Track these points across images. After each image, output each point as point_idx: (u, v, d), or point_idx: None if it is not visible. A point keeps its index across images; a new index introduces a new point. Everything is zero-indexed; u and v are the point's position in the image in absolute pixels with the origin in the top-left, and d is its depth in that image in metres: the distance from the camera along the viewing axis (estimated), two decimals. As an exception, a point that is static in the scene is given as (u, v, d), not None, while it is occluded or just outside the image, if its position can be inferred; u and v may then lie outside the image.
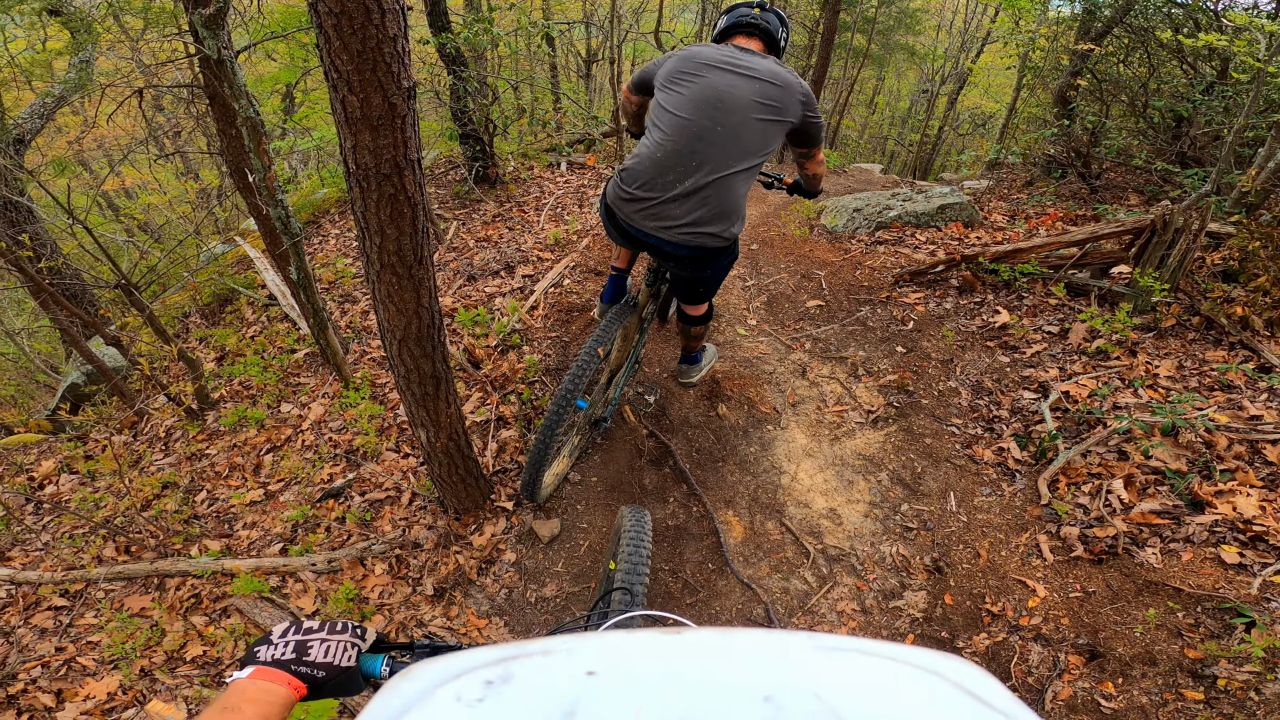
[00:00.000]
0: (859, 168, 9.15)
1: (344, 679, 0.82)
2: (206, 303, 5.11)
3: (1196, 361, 2.94)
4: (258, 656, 0.79)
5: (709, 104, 2.01)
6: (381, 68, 1.44)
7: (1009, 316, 3.32)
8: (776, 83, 2.02)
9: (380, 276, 1.73)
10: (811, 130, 2.15)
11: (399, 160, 1.58)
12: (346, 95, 1.45)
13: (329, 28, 1.35)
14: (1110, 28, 5.31)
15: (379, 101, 1.48)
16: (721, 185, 2.04)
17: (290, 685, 0.76)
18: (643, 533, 1.63)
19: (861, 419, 3.00)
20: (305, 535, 2.98)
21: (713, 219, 2.06)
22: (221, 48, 2.32)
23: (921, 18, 13.56)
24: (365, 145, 1.53)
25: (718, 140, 2.01)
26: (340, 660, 0.82)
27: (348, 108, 1.47)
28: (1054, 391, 2.87)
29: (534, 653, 0.44)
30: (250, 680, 0.75)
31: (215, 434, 3.94)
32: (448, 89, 5.45)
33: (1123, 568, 2.35)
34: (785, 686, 0.39)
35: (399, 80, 1.48)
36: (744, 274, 4.20)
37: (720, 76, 2.02)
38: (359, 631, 0.87)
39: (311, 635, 0.83)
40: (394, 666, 0.87)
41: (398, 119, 1.53)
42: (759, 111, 2.01)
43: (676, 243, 2.10)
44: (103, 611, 2.69)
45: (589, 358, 2.27)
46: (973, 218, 4.47)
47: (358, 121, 1.49)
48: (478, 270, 4.29)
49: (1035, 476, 2.71)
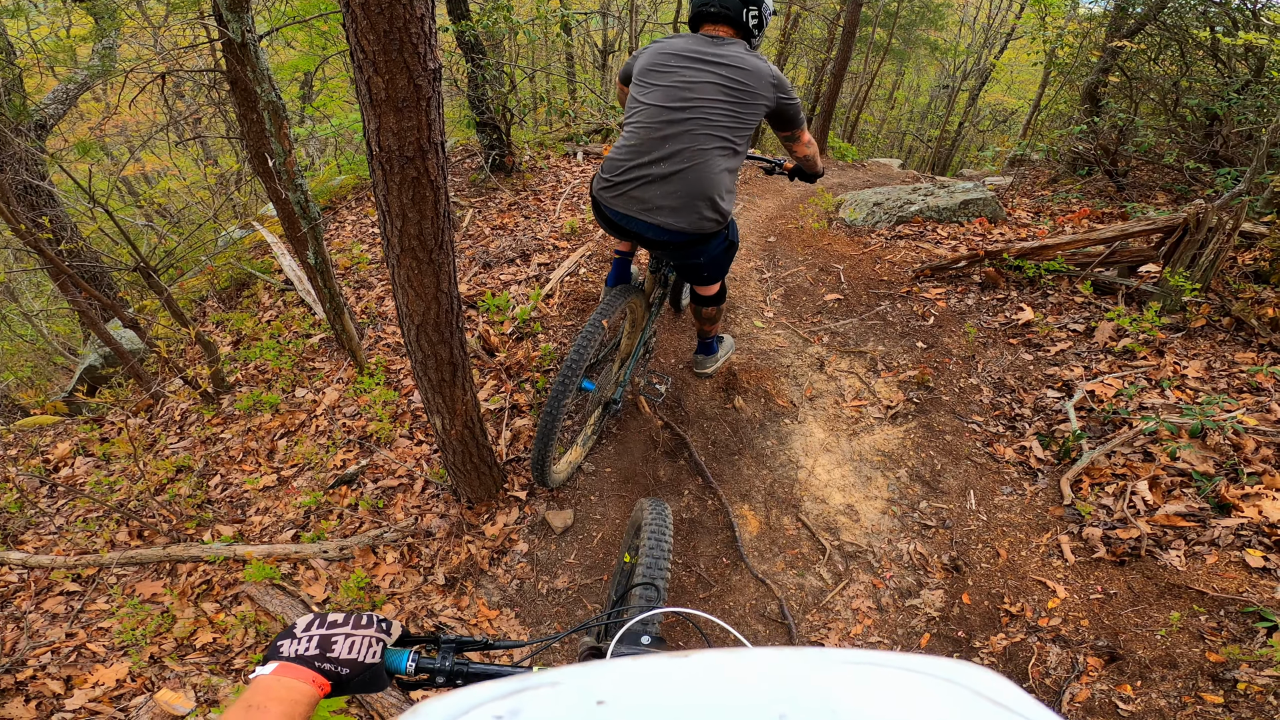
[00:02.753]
0: (877, 162, 9.05)
1: (369, 675, 0.80)
2: (224, 287, 5.13)
3: (1225, 363, 2.87)
4: (281, 652, 0.77)
5: (677, 95, 2.11)
6: (408, 48, 1.41)
7: (1033, 314, 3.26)
8: (743, 67, 2.10)
9: (400, 260, 1.71)
10: (788, 112, 2.23)
11: (422, 143, 1.56)
12: (372, 76, 1.43)
13: (356, 6, 1.33)
14: (1143, 24, 5.20)
15: (404, 83, 1.45)
16: (698, 169, 2.11)
17: (314, 682, 0.74)
18: (664, 526, 1.60)
19: (880, 414, 2.96)
20: (318, 522, 2.98)
21: (691, 201, 2.13)
22: (245, 31, 2.31)
23: (944, 12, 13.36)
24: (389, 128, 1.51)
25: (689, 128, 2.09)
26: (365, 656, 0.79)
27: (373, 89, 1.45)
28: (1079, 390, 2.82)
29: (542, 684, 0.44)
30: (275, 677, 0.73)
31: (230, 418, 3.95)
32: (466, 77, 5.42)
33: (1145, 570, 2.31)
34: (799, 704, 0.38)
35: (425, 62, 1.46)
36: (761, 266, 4.16)
37: (687, 68, 2.12)
38: (384, 626, 0.84)
39: (336, 629, 0.80)
40: (419, 662, 0.85)
41: (423, 101, 1.50)
42: (727, 97, 2.10)
43: (659, 226, 2.16)
44: (114, 597, 2.69)
45: (592, 331, 2.29)
46: (996, 213, 4.39)
47: (382, 103, 1.47)
48: (493, 258, 4.27)
49: (1058, 476, 2.66)
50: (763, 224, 4.87)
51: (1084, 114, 5.75)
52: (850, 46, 7.46)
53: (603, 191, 2.24)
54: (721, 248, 2.37)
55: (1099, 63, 5.63)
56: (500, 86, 5.54)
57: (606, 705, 0.40)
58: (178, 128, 4.49)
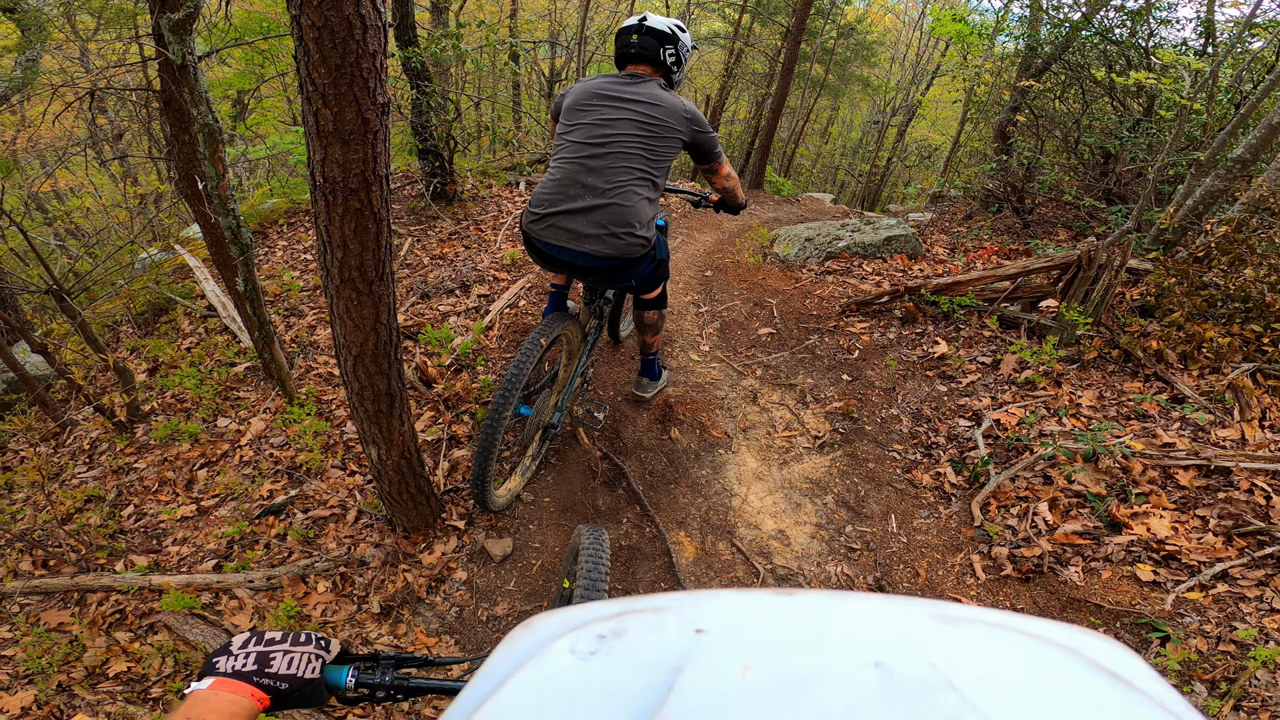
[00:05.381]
0: (811, 196, 9.45)
1: (308, 691, 0.81)
2: (140, 312, 4.89)
3: (1115, 392, 3.14)
4: (217, 668, 0.77)
5: (597, 133, 2.25)
6: (359, 83, 1.44)
7: (947, 347, 3.49)
8: (658, 104, 2.26)
9: (339, 292, 1.72)
10: (704, 145, 2.39)
11: (367, 176, 1.58)
12: (321, 109, 1.45)
13: (310, 40, 1.35)
14: (1049, 64, 5.64)
15: (353, 116, 1.47)
16: (619, 201, 2.23)
17: (253, 696, 0.75)
18: (601, 551, 1.64)
19: (809, 444, 3.10)
20: (242, 552, 2.89)
21: (615, 230, 2.24)
22: (186, 53, 2.27)
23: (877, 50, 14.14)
24: (335, 159, 1.52)
25: (609, 162, 2.23)
26: (304, 672, 0.81)
27: (320, 121, 1.47)
28: (986, 419, 3.03)
29: (646, 609, 0.45)
30: (212, 691, 0.74)
31: (145, 447, 3.77)
32: (409, 103, 5.41)
33: (1048, 586, 2.47)
34: (898, 653, 0.38)
35: (374, 96, 1.49)
36: (698, 300, 4.29)
37: (607, 106, 2.27)
38: (323, 643, 0.86)
39: (274, 646, 0.81)
40: (359, 678, 0.87)
41: (370, 134, 1.52)
42: (643, 132, 2.25)
43: (588, 254, 2.26)
44: (18, 626, 2.55)
45: (530, 349, 2.34)
46: (916, 250, 4.69)
47: (329, 135, 1.49)
48: (432, 288, 4.25)
49: (969, 500, 2.84)
50: (700, 258, 5.03)
51: (996, 152, 6.18)
52: (789, 82, 7.80)
53: (532, 225, 2.32)
54: (651, 267, 2.49)
55: (1010, 101, 6.06)
56: (445, 114, 5.55)
57: (706, 634, 0.40)
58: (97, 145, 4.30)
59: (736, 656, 0.38)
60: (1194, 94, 3.58)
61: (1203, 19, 4.80)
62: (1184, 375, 3.15)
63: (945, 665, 0.37)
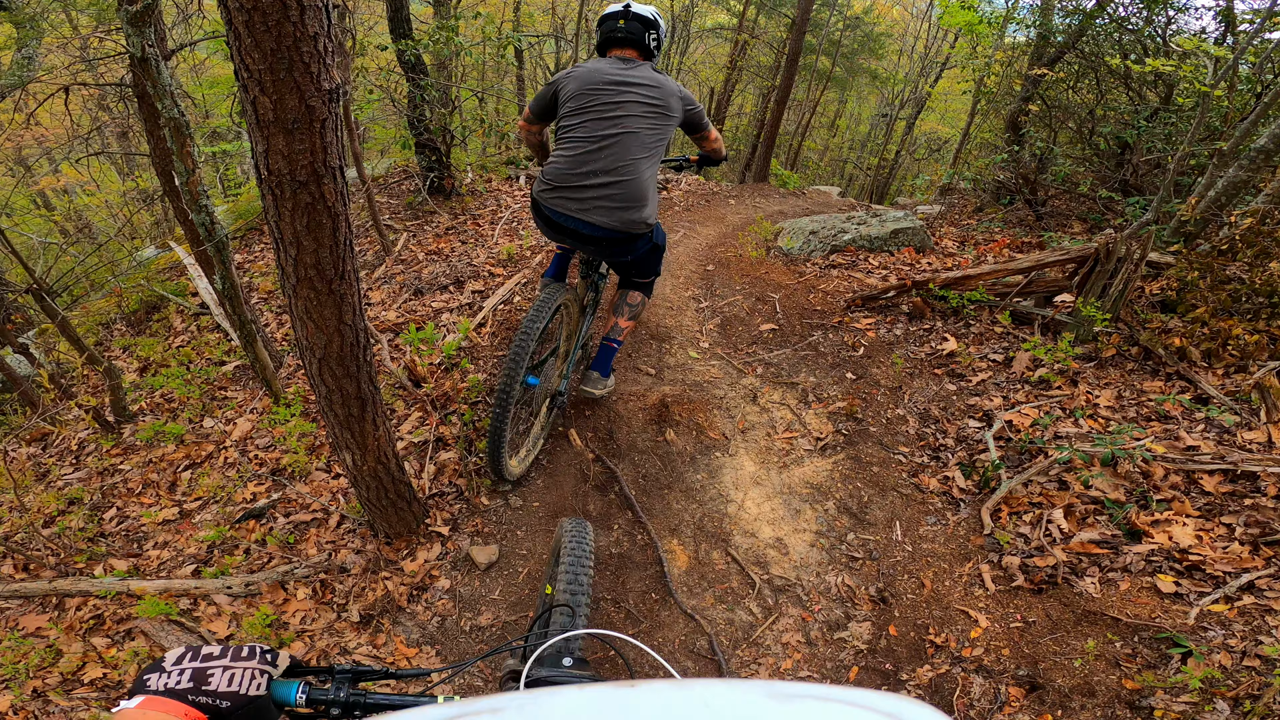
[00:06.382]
0: (817, 189, 9.28)
1: (253, 709, 0.75)
2: (133, 310, 4.82)
3: (1135, 391, 2.99)
4: (147, 685, 0.72)
5: (608, 114, 2.40)
6: (298, 67, 1.32)
7: (956, 344, 3.34)
8: (657, 86, 2.45)
9: (297, 291, 1.61)
10: (695, 119, 2.62)
11: (317, 167, 1.47)
12: (258, 96, 1.34)
13: (239, 24, 1.24)
14: (1063, 53, 5.47)
15: (295, 104, 1.36)
16: (628, 177, 2.40)
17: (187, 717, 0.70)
18: (584, 545, 1.55)
19: (810, 446, 2.96)
20: (222, 557, 2.82)
21: (625, 203, 2.40)
22: (146, 45, 2.17)
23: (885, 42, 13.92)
24: (279, 150, 1.41)
25: (620, 142, 2.39)
26: (247, 689, 0.75)
27: (259, 109, 1.36)
28: (998, 420, 2.88)
29: (482, 711, 0.44)
30: (139, 711, 0.69)
31: (131, 448, 3.70)
32: (406, 96, 5.31)
33: (1062, 597, 2.33)
34: None
35: (319, 81, 1.37)
36: (698, 295, 4.16)
37: (612, 89, 2.42)
38: (268, 657, 0.79)
39: (212, 662, 0.75)
40: (311, 693, 0.81)
41: (316, 123, 1.41)
42: (647, 113, 2.42)
43: (595, 224, 2.41)
44: None
45: (537, 313, 2.44)
46: (925, 243, 4.53)
47: (270, 125, 1.38)
48: (425, 284, 4.14)
49: (979, 505, 2.70)
50: (702, 252, 4.89)
51: (1007, 143, 6.01)
52: (793, 75, 7.65)
53: (543, 193, 2.46)
54: (647, 248, 2.63)
55: (1021, 91, 5.89)
56: (442, 108, 5.44)
57: None
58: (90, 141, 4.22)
59: None
60: (1216, 82, 3.40)
61: (1222, 8, 4.62)
62: (1207, 374, 2.99)
63: None
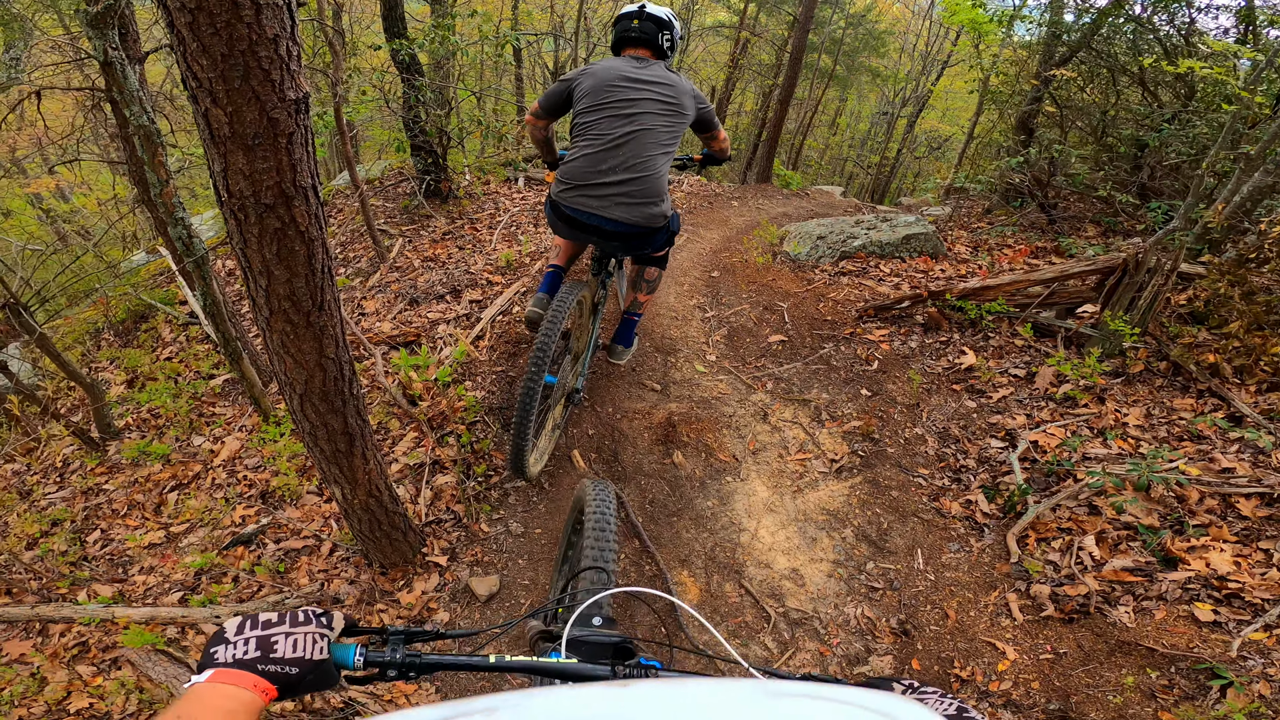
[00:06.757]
0: (820, 189, 9.12)
1: (319, 673, 0.74)
2: (121, 319, 4.67)
3: (1165, 409, 2.85)
4: (215, 659, 0.70)
5: (624, 112, 2.43)
6: (256, 75, 1.17)
7: (975, 358, 3.19)
8: (671, 85, 2.49)
9: (271, 324, 1.45)
10: (706, 118, 2.66)
11: (284, 187, 1.31)
12: (210, 108, 1.18)
13: (181, 26, 1.08)
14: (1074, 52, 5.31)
15: (254, 116, 1.21)
16: (645, 173, 2.44)
17: (256, 688, 0.68)
18: (608, 506, 1.55)
19: (825, 468, 2.82)
20: (210, 585, 2.70)
21: (644, 199, 2.46)
22: (109, 48, 2.02)
23: (887, 40, 13.75)
24: (239, 169, 1.26)
25: (637, 139, 2.43)
26: (311, 653, 0.73)
27: (213, 123, 1.21)
28: (1022, 441, 2.74)
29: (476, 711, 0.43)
30: (210, 685, 0.66)
31: (116, 467, 3.56)
32: (400, 97, 5.16)
33: (1094, 627, 2.21)
34: None
35: (281, 90, 1.22)
36: (704, 304, 4.01)
37: (628, 87, 2.45)
38: (324, 619, 0.78)
39: (273, 629, 0.73)
40: (368, 655, 0.80)
41: (281, 137, 1.26)
42: (662, 110, 2.47)
43: (617, 219, 2.46)
44: None
45: (559, 308, 2.46)
46: (937, 249, 4.38)
47: (226, 140, 1.23)
48: (421, 293, 3.99)
49: (1004, 531, 2.57)
50: (706, 257, 4.75)
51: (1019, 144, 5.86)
52: (797, 73, 7.49)
53: (563, 194, 2.50)
54: (665, 237, 2.72)
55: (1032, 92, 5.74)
56: (438, 108, 5.29)
57: None
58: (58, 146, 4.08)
59: None
60: (1251, 84, 3.25)
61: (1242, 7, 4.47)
62: (1241, 391, 2.85)
63: None
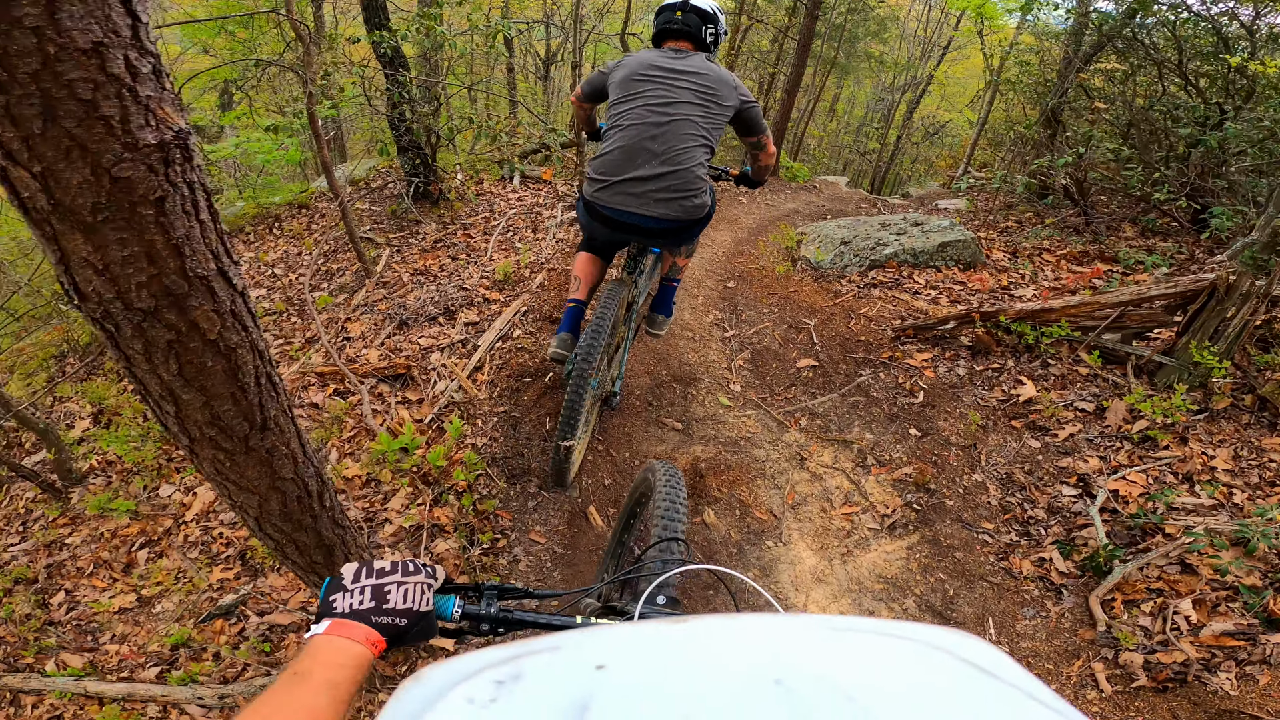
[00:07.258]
0: (826, 180, 8.76)
1: (424, 625, 0.74)
2: (86, 343, 4.29)
3: (1254, 450, 2.53)
4: (334, 608, 0.70)
5: (660, 104, 2.33)
6: (72, 113, 0.72)
7: (1034, 389, 2.86)
8: (710, 75, 2.37)
9: (198, 452, 1.08)
10: (750, 116, 2.47)
11: (168, 281, 0.88)
12: (9, 168, 0.75)
13: None
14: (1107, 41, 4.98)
15: (85, 178, 0.76)
16: (683, 165, 2.34)
17: (367, 640, 0.67)
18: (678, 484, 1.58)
19: (875, 524, 2.49)
20: (188, 662, 2.41)
21: (683, 193, 2.36)
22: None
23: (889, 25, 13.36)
24: (83, 260, 0.82)
25: (671, 131, 2.32)
26: (419, 604, 0.73)
27: (20, 191, 0.77)
28: (1100, 490, 2.42)
29: (542, 649, 0.43)
30: (326, 638, 0.66)
31: (79, 518, 3.21)
32: (383, 94, 4.77)
33: (1192, 696, 1.99)
34: (796, 669, 0.37)
35: (131, 130, 0.77)
36: (722, 321, 3.66)
37: (664, 77, 2.36)
38: (430, 571, 0.79)
39: (386, 578, 0.74)
40: (465, 609, 0.81)
41: (143, 206, 0.81)
42: (700, 100, 2.35)
43: (655, 216, 2.36)
44: None
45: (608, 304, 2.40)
46: (975, 257, 4.04)
47: (48, 219, 0.78)
48: (411, 314, 3.63)
49: (1085, 593, 2.28)
50: (720, 263, 4.40)
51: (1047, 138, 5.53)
52: (804, 61, 7.12)
53: (598, 193, 2.39)
54: (704, 224, 2.58)
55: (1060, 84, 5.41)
56: (425, 105, 4.89)
57: (606, 669, 0.39)
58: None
59: (640, 689, 0.38)
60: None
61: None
62: (1339, 427, 2.54)
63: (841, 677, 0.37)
